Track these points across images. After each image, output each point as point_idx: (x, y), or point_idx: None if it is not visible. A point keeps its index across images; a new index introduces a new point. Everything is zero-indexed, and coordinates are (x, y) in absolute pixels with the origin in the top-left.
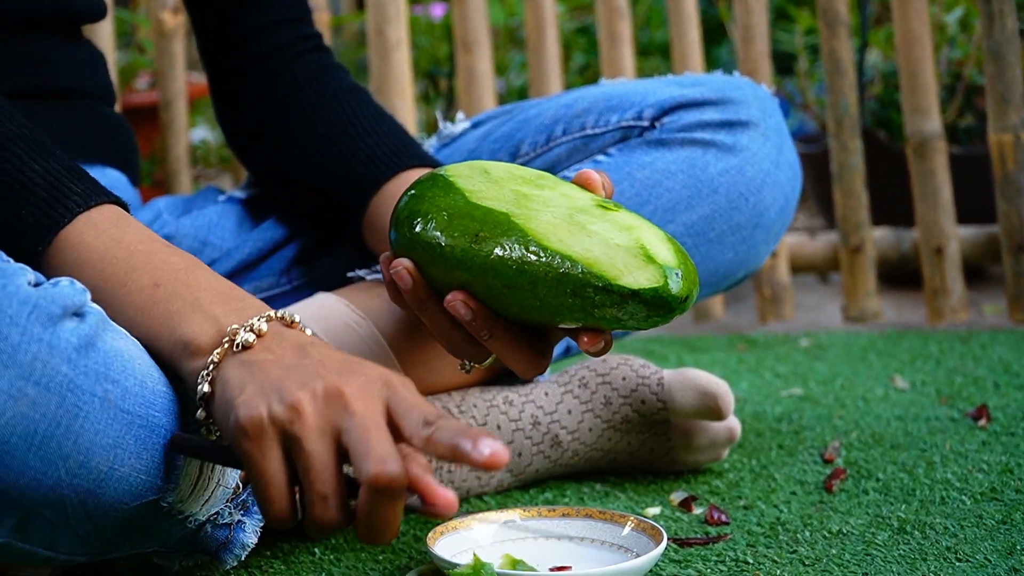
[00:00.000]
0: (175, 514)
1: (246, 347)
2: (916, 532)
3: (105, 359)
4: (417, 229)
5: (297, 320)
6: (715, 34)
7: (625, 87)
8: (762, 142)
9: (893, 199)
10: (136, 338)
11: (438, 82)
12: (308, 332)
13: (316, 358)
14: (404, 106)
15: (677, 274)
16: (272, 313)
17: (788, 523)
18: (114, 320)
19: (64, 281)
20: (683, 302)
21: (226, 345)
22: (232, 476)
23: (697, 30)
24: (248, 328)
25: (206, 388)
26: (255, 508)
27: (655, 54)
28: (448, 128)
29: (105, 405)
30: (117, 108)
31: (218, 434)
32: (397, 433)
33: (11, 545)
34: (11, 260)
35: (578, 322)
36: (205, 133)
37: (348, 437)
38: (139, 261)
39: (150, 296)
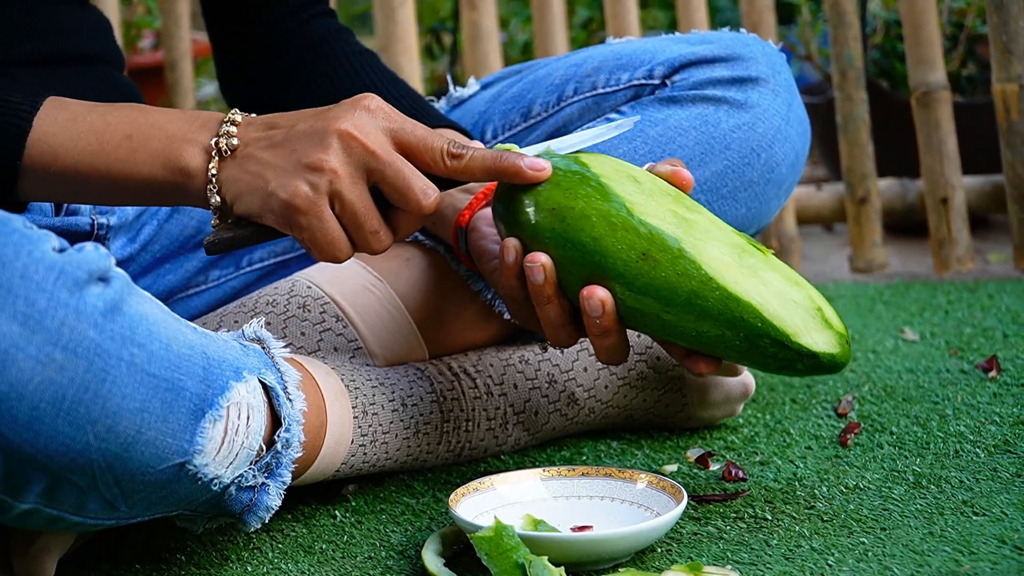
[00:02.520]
0: (200, 477)
1: (233, 149)
2: (932, 486)
3: (131, 323)
4: (569, 224)
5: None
6: None
7: (634, 46)
8: (772, 98)
9: (897, 149)
10: (136, 185)
11: (441, 37)
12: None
13: (292, 120)
14: (410, 63)
15: (848, 342)
16: (231, 115)
17: (805, 478)
18: (110, 181)
19: (89, 246)
20: (845, 366)
21: (216, 157)
22: (256, 438)
23: None
24: (225, 135)
25: (217, 198)
26: (279, 470)
27: (654, 4)
28: (458, 91)
29: (132, 369)
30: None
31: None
32: (412, 159)
33: (39, 511)
34: (34, 227)
35: (734, 360)
36: (212, 91)
37: (380, 178)
38: (100, 126)
39: (129, 147)
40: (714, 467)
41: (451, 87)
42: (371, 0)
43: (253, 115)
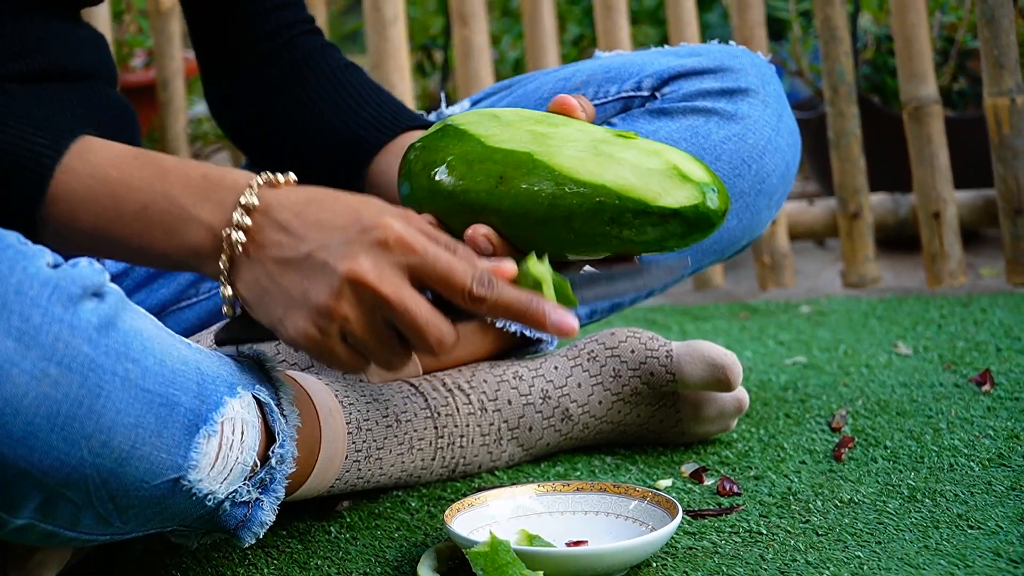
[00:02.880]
0: (195, 492)
1: (244, 246)
2: (927, 500)
3: (125, 338)
4: (436, 178)
5: (276, 178)
6: None
7: (623, 59)
8: (762, 109)
9: (888, 164)
10: (154, 257)
11: (433, 55)
12: (281, 179)
13: (312, 231)
14: (401, 81)
15: (713, 190)
16: (248, 197)
17: (799, 493)
18: (128, 249)
19: (83, 261)
20: (721, 216)
21: (227, 250)
22: (250, 454)
23: None
24: (237, 226)
25: (229, 291)
26: (273, 486)
27: (644, 20)
28: (448, 110)
29: (126, 384)
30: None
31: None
32: (435, 293)
33: (34, 526)
34: (29, 242)
35: (615, 249)
36: (203, 109)
37: (394, 321)
38: (120, 191)
39: (145, 220)
40: (708, 482)
41: (443, 105)
42: (363, 18)
43: (274, 185)
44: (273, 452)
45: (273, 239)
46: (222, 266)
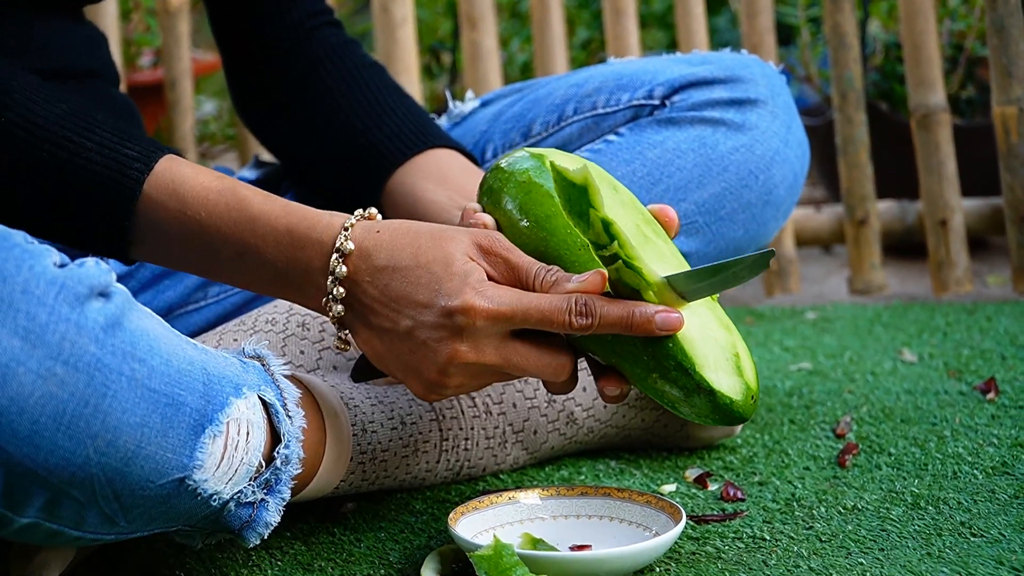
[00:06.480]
0: (200, 492)
1: (341, 315)
2: (930, 507)
3: (132, 338)
4: (523, 210)
5: (372, 213)
6: (713, 1)
7: (634, 66)
8: (771, 120)
9: (896, 171)
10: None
11: (441, 57)
12: (377, 217)
13: (404, 311)
14: (410, 82)
15: (753, 397)
16: (342, 242)
17: (803, 499)
18: (227, 276)
19: (89, 261)
20: (741, 421)
21: (333, 317)
22: (256, 454)
23: (701, 4)
24: (333, 299)
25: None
26: (278, 487)
27: (653, 24)
28: (457, 107)
29: (132, 384)
30: (122, 87)
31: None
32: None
33: (39, 525)
34: (35, 241)
35: (636, 378)
36: (212, 108)
37: (508, 378)
38: (213, 237)
39: (239, 266)
40: (712, 487)
41: (451, 103)
42: (372, 19)
43: (360, 253)
44: (278, 453)
45: (369, 307)
46: (332, 317)
